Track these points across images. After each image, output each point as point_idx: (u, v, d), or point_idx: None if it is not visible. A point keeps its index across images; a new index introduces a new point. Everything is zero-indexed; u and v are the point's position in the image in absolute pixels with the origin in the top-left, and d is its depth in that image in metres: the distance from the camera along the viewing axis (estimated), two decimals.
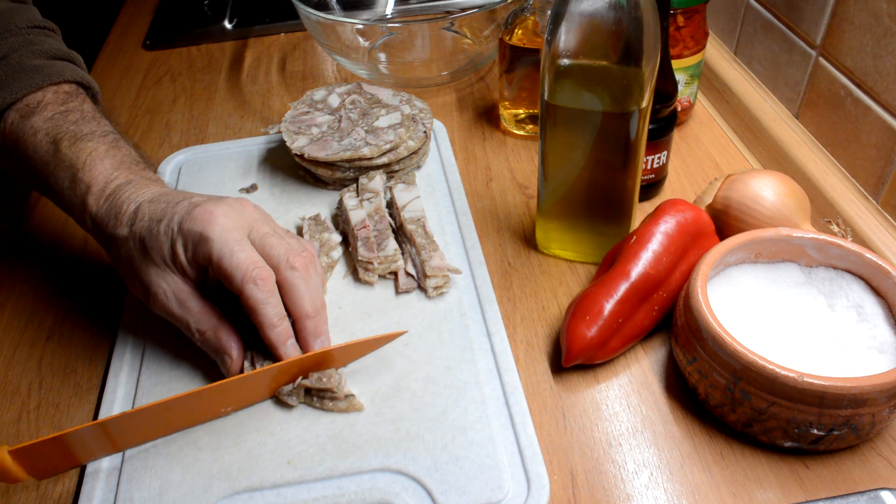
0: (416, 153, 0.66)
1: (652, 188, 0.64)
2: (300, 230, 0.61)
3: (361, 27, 0.85)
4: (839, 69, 0.60)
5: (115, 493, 0.44)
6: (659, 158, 0.62)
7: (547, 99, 0.51)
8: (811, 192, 0.59)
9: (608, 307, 0.48)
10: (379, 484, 0.43)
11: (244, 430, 0.47)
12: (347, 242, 0.60)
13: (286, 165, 0.69)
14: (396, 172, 0.66)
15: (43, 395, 0.52)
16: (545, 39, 0.48)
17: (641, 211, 0.63)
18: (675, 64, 0.66)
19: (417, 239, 0.57)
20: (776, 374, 0.41)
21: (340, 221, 0.62)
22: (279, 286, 0.48)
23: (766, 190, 0.54)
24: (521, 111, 0.73)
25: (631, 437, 0.46)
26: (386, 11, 0.97)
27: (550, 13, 0.47)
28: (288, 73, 0.89)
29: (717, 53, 0.78)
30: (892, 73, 0.54)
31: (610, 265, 0.52)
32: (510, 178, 0.68)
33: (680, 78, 0.68)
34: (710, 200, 0.56)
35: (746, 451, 0.45)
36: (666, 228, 0.51)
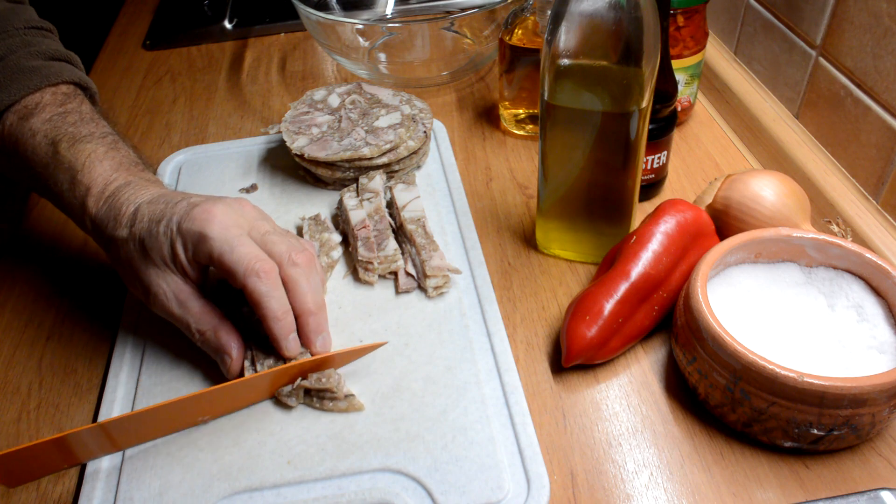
0: (416, 153, 0.66)
1: (652, 188, 0.64)
2: (300, 230, 0.61)
3: (361, 27, 0.85)
4: (839, 69, 0.60)
5: (115, 493, 0.44)
6: (659, 158, 0.62)
7: (547, 99, 0.51)
8: (811, 192, 0.59)
9: (608, 307, 0.48)
10: (379, 484, 0.43)
11: (244, 430, 0.47)
12: (347, 242, 0.60)
13: (286, 165, 0.69)
14: (396, 172, 0.66)
15: (43, 395, 0.52)
16: (545, 39, 0.48)
17: (641, 211, 0.63)
18: (675, 64, 0.66)
19: (417, 239, 0.57)
20: (776, 374, 0.41)
21: (340, 221, 0.62)
22: (282, 282, 0.48)
23: (766, 190, 0.54)
24: (521, 111, 0.73)
25: (631, 437, 0.46)
26: (386, 11, 0.97)
27: (550, 13, 0.47)
28: (288, 73, 0.89)
29: (717, 53, 0.78)
30: (892, 73, 0.54)
31: (610, 265, 0.52)
32: (510, 178, 0.68)
33: (680, 78, 0.68)
34: (710, 200, 0.56)
35: (746, 451, 0.45)
36: (666, 228, 0.51)
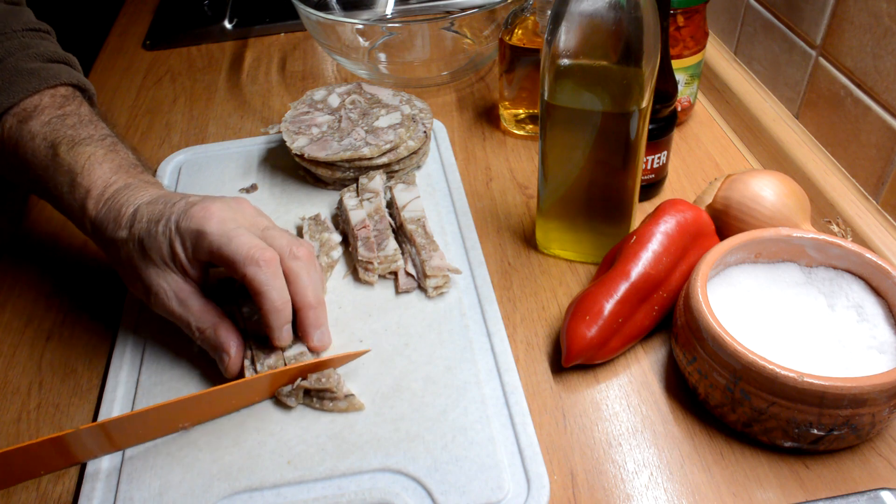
0: (416, 153, 0.66)
1: (652, 188, 0.64)
2: (300, 230, 0.61)
3: (361, 27, 0.85)
4: (839, 69, 0.60)
5: (114, 493, 0.44)
6: (659, 158, 0.62)
7: (547, 99, 0.51)
8: (811, 192, 0.59)
9: (608, 307, 0.48)
10: (379, 484, 0.43)
11: (244, 430, 0.47)
12: (347, 242, 0.60)
13: (286, 165, 0.69)
14: (396, 172, 0.66)
15: (43, 395, 0.52)
16: (545, 39, 0.48)
17: (641, 211, 0.63)
18: (675, 64, 0.66)
19: (417, 239, 0.57)
20: (776, 374, 0.41)
21: (340, 221, 0.62)
22: (283, 276, 0.48)
23: (766, 190, 0.54)
24: (521, 111, 0.72)
25: (631, 437, 0.46)
26: (386, 11, 0.97)
27: (550, 13, 0.47)
28: (288, 73, 0.89)
29: (717, 53, 0.78)
30: (892, 73, 0.54)
31: (610, 265, 0.52)
32: (510, 178, 0.68)
33: (680, 78, 0.68)
34: (710, 200, 0.56)
35: (746, 451, 0.45)
36: (666, 228, 0.51)
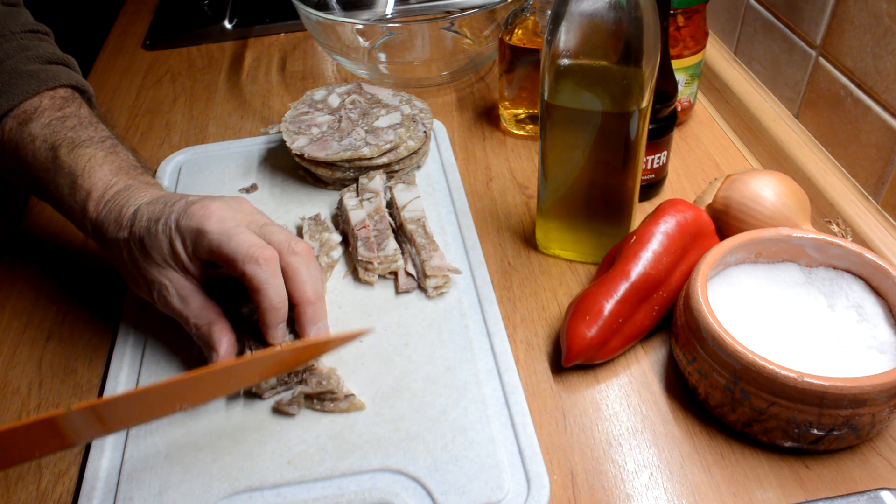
0: (416, 153, 0.66)
1: (652, 188, 0.64)
2: (300, 230, 0.61)
3: (361, 27, 0.85)
4: (839, 69, 0.60)
5: (114, 493, 0.44)
6: (659, 158, 0.62)
7: (547, 99, 0.51)
8: (811, 192, 0.59)
9: (608, 307, 0.48)
10: (379, 484, 0.43)
11: (244, 430, 0.47)
12: (347, 242, 0.60)
13: (286, 165, 0.69)
14: (396, 172, 0.66)
15: (43, 395, 0.52)
16: (545, 39, 0.48)
17: (641, 211, 0.63)
18: (675, 64, 0.66)
19: (417, 239, 0.57)
20: (776, 374, 0.41)
21: (340, 221, 0.62)
22: (281, 271, 0.48)
23: (766, 190, 0.54)
24: (521, 111, 0.72)
25: (631, 437, 0.46)
26: (386, 11, 0.97)
27: (550, 13, 0.47)
28: (288, 73, 0.89)
29: (717, 53, 0.78)
30: (892, 73, 0.54)
31: (610, 265, 0.52)
32: (510, 178, 0.68)
33: (680, 78, 0.68)
34: (710, 200, 0.56)
35: (746, 451, 0.45)
36: (666, 228, 0.51)
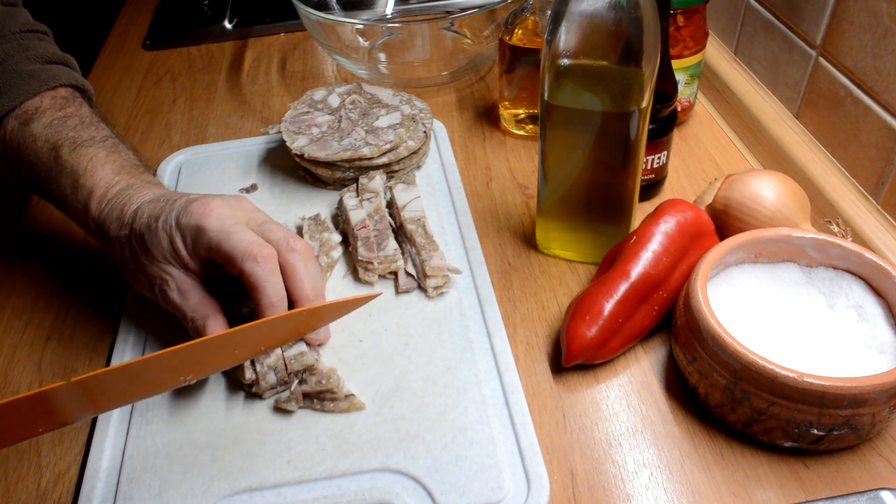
0: (416, 153, 0.66)
1: (652, 188, 0.64)
2: (300, 230, 0.61)
3: (361, 27, 0.85)
4: (839, 69, 0.60)
5: (114, 492, 0.44)
6: (659, 158, 0.62)
7: (547, 99, 0.51)
8: (811, 192, 0.59)
9: (608, 307, 0.48)
10: (379, 484, 0.43)
11: (244, 429, 0.47)
12: (347, 242, 0.60)
13: (286, 165, 0.69)
14: (396, 172, 0.66)
15: None
16: (545, 39, 0.48)
17: (641, 211, 0.63)
18: (675, 64, 0.66)
19: (417, 239, 0.57)
20: (776, 374, 0.41)
21: (340, 221, 0.62)
22: (280, 269, 0.48)
23: (766, 190, 0.54)
24: (521, 111, 0.72)
25: (631, 437, 0.46)
26: (386, 11, 0.97)
27: (550, 13, 0.47)
28: (288, 73, 0.89)
29: (717, 53, 0.78)
30: (892, 73, 0.54)
31: (610, 265, 0.52)
32: (510, 178, 0.68)
33: (680, 78, 0.68)
34: (710, 200, 0.56)
35: (746, 451, 0.45)
36: (666, 228, 0.51)
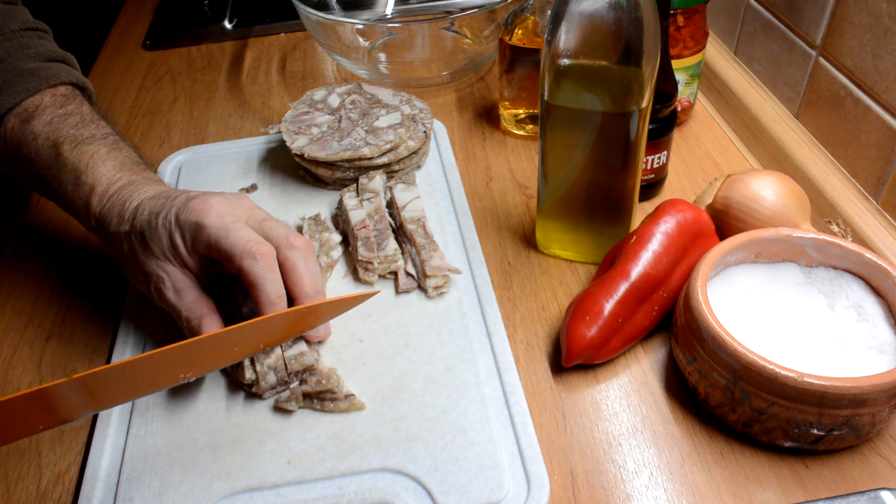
0: (416, 153, 0.66)
1: (652, 188, 0.64)
2: (300, 230, 0.61)
3: (361, 27, 0.85)
4: (839, 69, 0.60)
5: (114, 493, 0.44)
6: (659, 158, 0.62)
7: (547, 99, 0.51)
8: (811, 192, 0.59)
9: (608, 307, 0.48)
10: (379, 484, 0.43)
11: (244, 429, 0.47)
12: (347, 242, 0.60)
13: (286, 165, 0.69)
14: (396, 172, 0.66)
15: None
16: (545, 39, 0.48)
17: (641, 211, 0.63)
18: (675, 64, 0.66)
19: (417, 239, 0.57)
20: (776, 374, 0.41)
21: (340, 221, 0.62)
22: (280, 266, 0.48)
23: (766, 190, 0.54)
24: (521, 111, 0.72)
25: (631, 437, 0.46)
26: (386, 11, 0.97)
27: (550, 13, 0.47)
28: (288, 73, 0.89)
29: (717, 53, 0.78)
30: (892, 73, 0.54)
31: (610, 265, 0.52)
32: (510, 178, 0.68)
33: (680, 78, 0.68)
34: (710, 200, 0.56)
35: (746, 451, 0.45)
36: (666, 228, 0.51)
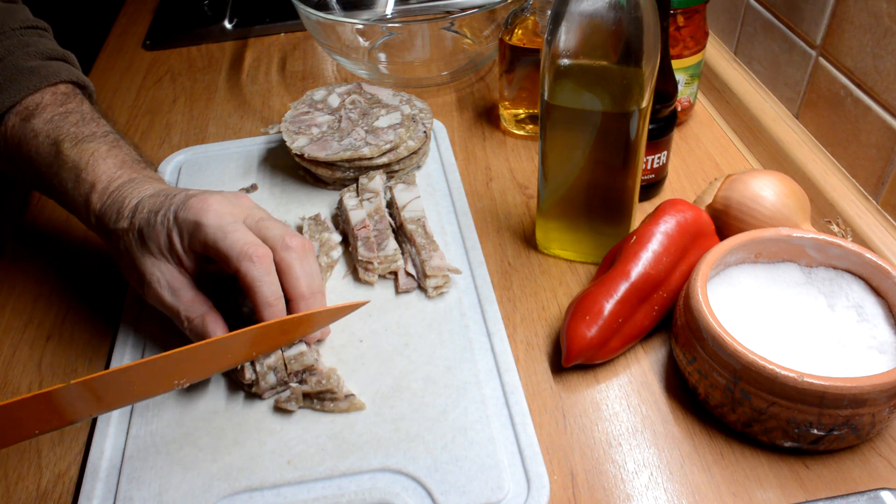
0: (416, 153, 0.66)
1: (652, 188, 0.64)
2: (300, 230, 0.61)
3: (361, 27, 0.85)
4: (839, 69, 0.60)
5: (114, 493, 0.44)
6: (659, 158, 0.62)
7: (547, 99, 0.51)
8: (811, 192, 0.59)
9: (608, 307, 0.48)
10: (379, 484, 0.43)
11: (244, 430, 0.47)
12: (347, 242, 0.60)
13: (286, 165, 0.69)
14: (396, 172, 0.66)
15: None
16: (545, 39, 0.48)
17: (641, 211, 0.63)
18: (675, 64, 0.66)
19: (417, 239, 0.57)
20: (776, 374, 0.41)
21: (340, 221, 0.62)
22: (276, 267, 0.48)
23: (766, 190, 0.54)
24: (521, 111, 0.72)
25: (631, 437, 0.46)
26: (386, 11, 0.97)
27: (550, 13, 0.47)
28: (288, 73, 0.89)
29: (717, 53, 0.78)
30: (892, 73, 0.54)
31: (610, 265, 0.52)
32: (510, 178, 0.68)
33: (680, 78, 0.68)
34: (710, 200, 0.56)
35: (746, 451, 0.45)
36: (666, 228, 0.51)
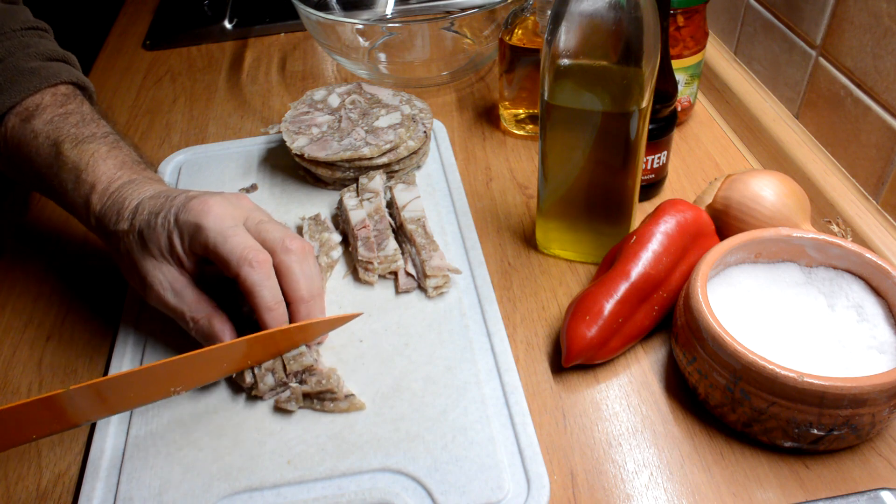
0: (416, 153, 0.66)
1: (652, 188, 0.64)
2: (300, 230, 0.61)
3: (361, 27, 0.85)
4: (839, 69, 0.60)
5: (114, 493, 0.44)
6: (659, 158, 0.62)
7: (547, 99, 0.51)
8: (811, 192, 0.59)
9: (608, 307, 0.48)
10: (379, 484, 0.43)
11: (244, 429, 0.47)
12: (347, 242, 0.60)
13: (286, 165, 0.69)
14: (396, 172, 0.66)
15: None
16: (545, 39, 0.48)
17: (641, 211, 0.63)
18: (675, 64, 0.66)
19: (417, 239, 0.57)
20: (776, 374, 0.41)
21: (340, 221, 0.62)
22: (276, 270, 0.48)
23: (766, 190, 0.54)
24: (521, 111, 0.72)
25: (631, 437, 0.46)
26: (386, 11, 0.97)
27: (550, 13, 0.47)
28: (288, 73, 0.89)
29: (717, 53, 0.78)
30: (892, 73, 0.54)
31: (610, 265, 0.52)
32: (510, 178, 0.68)
33: (680, 78, 0.68)
34: (710, 200, 0.56)
35: (746, 451, 0.45)
36: (666, 228, 0.51)
